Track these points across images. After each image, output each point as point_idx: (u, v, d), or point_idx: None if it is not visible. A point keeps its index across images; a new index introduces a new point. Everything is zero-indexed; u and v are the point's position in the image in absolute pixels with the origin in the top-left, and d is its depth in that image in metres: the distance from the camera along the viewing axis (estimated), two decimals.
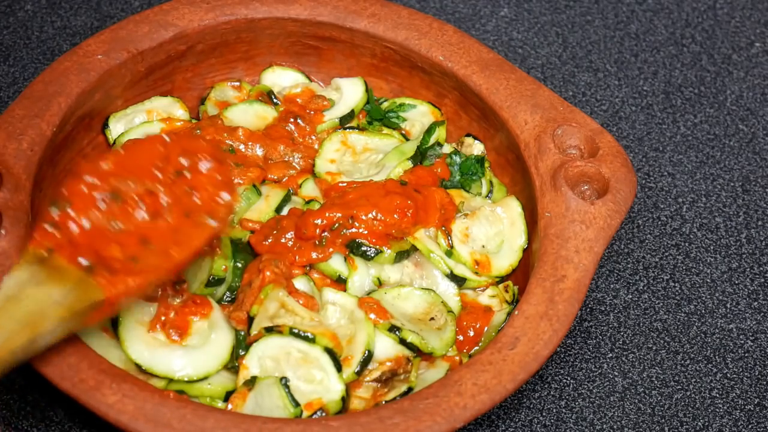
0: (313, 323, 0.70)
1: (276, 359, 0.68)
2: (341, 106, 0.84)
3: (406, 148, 0.80)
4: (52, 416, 0.72)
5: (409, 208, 0.74)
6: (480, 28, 0.98)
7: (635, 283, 0.82)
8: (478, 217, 0.77)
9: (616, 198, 0.75)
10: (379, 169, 0.80)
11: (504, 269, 0.76)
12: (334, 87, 0.86)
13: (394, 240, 0.74)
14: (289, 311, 0.70)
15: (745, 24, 1.00)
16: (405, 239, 0.75)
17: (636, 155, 0.90)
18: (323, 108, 0.83)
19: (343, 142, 0.81)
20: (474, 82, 0.81)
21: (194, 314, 0.70)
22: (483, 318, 0.75)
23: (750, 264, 0.84)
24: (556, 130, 0.78)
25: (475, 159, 0.81)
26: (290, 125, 0.82)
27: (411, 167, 0.79)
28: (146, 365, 0.68)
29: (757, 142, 0.92)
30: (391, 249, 0.74)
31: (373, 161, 0.81)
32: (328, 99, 0.84)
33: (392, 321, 0.71)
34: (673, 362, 0.78)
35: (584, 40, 0.98)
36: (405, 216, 0.74)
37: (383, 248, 0.74)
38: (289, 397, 0.66)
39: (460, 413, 0.64)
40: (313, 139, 0.82)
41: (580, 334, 0.79)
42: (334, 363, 0.68)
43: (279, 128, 0.82)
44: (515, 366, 0.67)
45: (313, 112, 0.83)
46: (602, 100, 0.94)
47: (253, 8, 0.84)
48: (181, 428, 0.62)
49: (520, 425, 0.74)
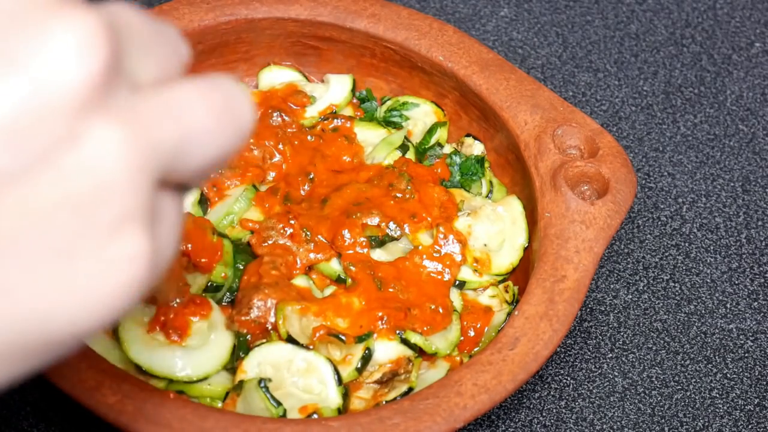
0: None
1: (276, 366, 0.68)
2: (323, 101, 0.84)
3: (394, 139, 0.80)
4: (52, 416, 0.72)
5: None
6: (480, 28, 0.98)
7: (635, 283, 0.82)
8: (480, 216, 0.77)
9: (616, 198, 0.75)
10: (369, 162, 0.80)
11: (504, 267, 0.76)
12: (325, 82, 0.86)
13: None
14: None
15: (745, 24, 1.00)
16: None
17: (636, 155, 0.90)
18: (304, 104, 0.83)
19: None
20: (474, 82, 0.81)
21: (194, 315, 0.70)
22: (483, 318, 0.75)
23: (750, 264, 0.84)
24: (556, 131, 0.78)
25: (475, 159, 0.81)
26: (274, 120, 0.81)
27: (400, 156, 0.79)
28: (146, 365, 0.68)
29: (757, 142, 0.92)
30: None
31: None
32: (309, 96, 0.84)
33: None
34: (673, 362, 0.78)
35: (584, 40, 0.98)
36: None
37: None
38: (269, 397, 0.66)
39: (460, 413, 0.64)
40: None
41: (580, 334, 0.79)
42: (336, 375, 0.68)
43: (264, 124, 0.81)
44: (515, 366, 0.67)
45: (296, 107, 0.83)
46: (602, 100, 0.94)
47: (253, 8, 0.84)
48: (181, 428, 0.62)
49: (520, 425, 0.74)
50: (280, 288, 0.71)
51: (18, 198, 0.31)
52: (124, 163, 0.32)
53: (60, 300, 0.32)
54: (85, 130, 0.32)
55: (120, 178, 0.32)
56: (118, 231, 0.33)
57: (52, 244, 0.32)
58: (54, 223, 0.32)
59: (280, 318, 0.69)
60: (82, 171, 0.32)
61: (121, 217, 0.33)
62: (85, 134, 0.32)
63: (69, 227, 0.32)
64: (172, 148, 0.35)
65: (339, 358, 0.69)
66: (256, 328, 0.70)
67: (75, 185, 0.32)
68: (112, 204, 0.32)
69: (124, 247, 0.33)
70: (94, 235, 0.32)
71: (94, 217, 0.32)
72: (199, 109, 0.36)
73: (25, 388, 0.73)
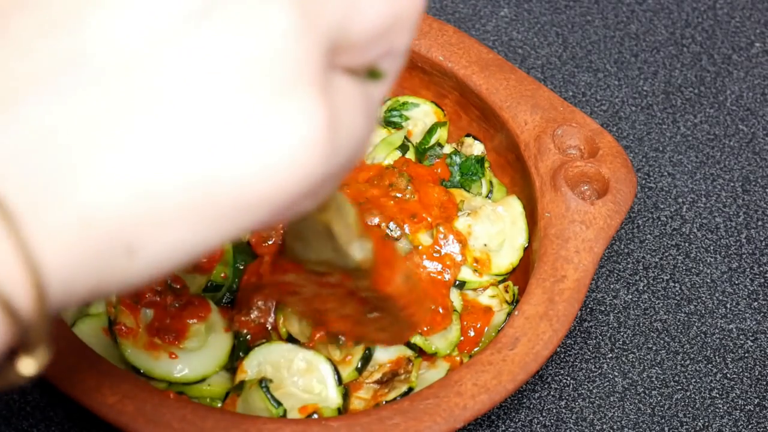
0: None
1: (276, 366, 0.68)
2: None
3: (393, 139, 0.80)
4: (52, 416, 0.72)
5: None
6: (480, 28, 0.98)
7: (635, 283, 0.82)
8: (480, 216, 0.77)
9: (616, 198, 0.75)
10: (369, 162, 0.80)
11: (504, 267, 0.76)
12: None
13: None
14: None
15: (745, 24, 1.00)
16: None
17: (636, 155, 0.90)
18: None
19: None
20: (474, 82, 0.81)
21: (192, 317, 0.70)
22: (483, 318, 0.75)
23: (750, 264, 0.84)
24: (556, 131, 0.78)
25: (475, 159, 0.81)
26: None
27: (400, 156, 0.79)
28: (144, 368, 0.68)
29: (757, 142, 0.92)
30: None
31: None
32: None
33: None
34: (673, 362, 0.78)
35: (584, 40, 0.98)
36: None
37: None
38: (269, 397, 0.66)
39: (460, 413, 0.64)
40: None
41: (580, 334, 0.79)
42: (336, 375, 0.68)
43: None
44: (515, 366, 0.67)
45: None
46: (602, 100, 0.94)
47: None
48: (180, 428, 0.62)
49: (520, 425, 0.74)
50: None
51: (197, 43, 0.32)
52: (297, 25, 0.33)
53: (240, 157, 0.32)
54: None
55: (292, 39, 0.33)
56: (293, 91, 0.33)
57: (227, 99, 0.32)
58: (230, 77, 0.32)
59: (280, 318, 0.69)
60: (255, 32, 0.32)
61: (294, 77, 0.33)
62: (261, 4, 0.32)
63: (246, 82, 0.32)
64: (339, 14, 0.35)
65: (339, 358, 0.69)
66: (256, 328, 0.70)
67: (248, 44, 0.32)
68: (285, 65, 0.33)
69: (300, 101, 0.33)
70: (269, 91, 0.32)
71: (268, 76, 0.32)
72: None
73: (25, 388, 0.73)
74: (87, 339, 0.67)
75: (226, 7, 0.32)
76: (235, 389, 0.68)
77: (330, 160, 0.34)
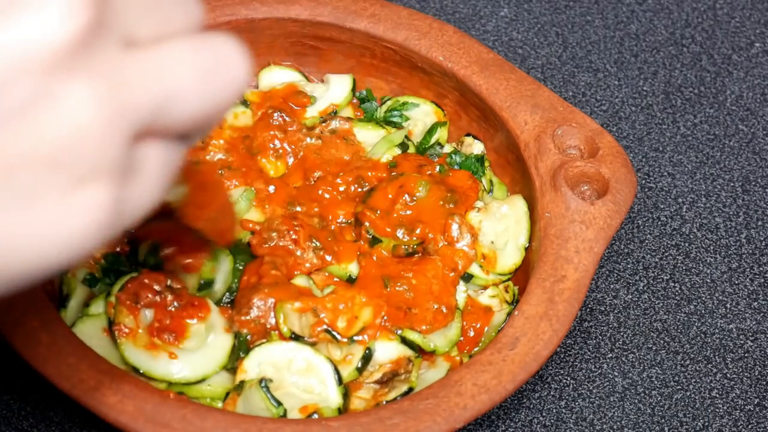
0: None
1: (277, 366, 0.68)
2: (323, 101, 0.83)
3: (394, 137, 0.80)
4: (52, 416, 0.72)
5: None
6: (480, 28, 0.98)
7: (635, 283, 0.82)
8: (489, 213, 0.77)
9: (616, 198, 0.75)
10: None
11: (508, 267, 0.76)
12: (325, 82, 0.86)
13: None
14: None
15: (745, 24, 1.00)
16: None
17: (636, 155, 0.90)
18: (304, 105, 0.83)
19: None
20: (474, 82, 0.81)
21: (191, 317, 0.70)
22: (483, 318, 0.75)
23: (750, 264, 0.84)
24: (556, 131, 0.78)
25: (475, 158, 0.81)
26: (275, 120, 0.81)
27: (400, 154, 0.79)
28: (144, 369, 0.68)
29: (757, 142, 0.92)
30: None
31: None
32: (309, 96, 0.83)
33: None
34: (673, 362, 0.78)
35: (584, 40, 0.98)
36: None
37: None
38: (270, 397, 0.66)
39: (460, 413, 0.64)
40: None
41: (580, 334, 0.79)
42: (336, 375, 0.68)
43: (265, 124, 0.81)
44: (515, 366, 0.67)
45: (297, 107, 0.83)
46: (602, 100, 0.94)
47: (253, 8, 0.84)
48: (181, 428, 0.62)
49: (520, 425, 0.74)
50: (280, 288, 0.71)
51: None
52: (98, 120, 0.35)
53: (29, 235, 0.36)
54: (63, 87, 0.34)
55: (91, 134, 0.35)
56: (84, 183, 0.36)
57: (21, 190, 0.35)
58: (24, 171, 0.35)
59: (280, 317, 0.69)
60: (55, 126, 0.34)
61: (89, 170, 0.36)
62: (62, 91, 0.34)
63: (38, 176, 0.35)
64: (152, 106, 0.37)
65: (339, 358, 0.69)
66: (256, 328, 0.70)
67: (47, 139, 0.34)
68: (81, 158, 0.35)
69: (88, 196, 0.36)
70: (62, 184, 0.35)
71: (63, 169, 0.35)
72: (185, 68, 0.38)
73: (25, 388, 0.73)
74: (87, 339, 0.67)
75: (37, 104, 0.34)
76: (235, 389, 0.68)
77: (114, 226, 0.38)
